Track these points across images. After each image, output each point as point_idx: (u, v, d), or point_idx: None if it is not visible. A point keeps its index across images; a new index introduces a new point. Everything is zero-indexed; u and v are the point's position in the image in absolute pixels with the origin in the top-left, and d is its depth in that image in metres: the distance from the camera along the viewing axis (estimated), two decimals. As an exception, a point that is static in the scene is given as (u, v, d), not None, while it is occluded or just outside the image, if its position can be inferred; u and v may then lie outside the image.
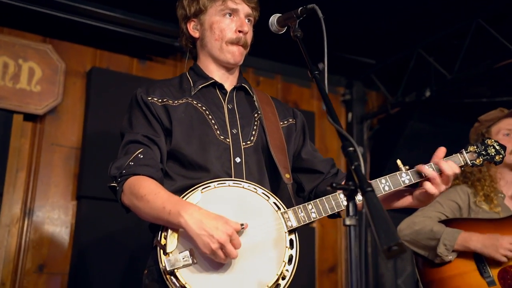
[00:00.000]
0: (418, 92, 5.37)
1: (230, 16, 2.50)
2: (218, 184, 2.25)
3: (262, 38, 2.68)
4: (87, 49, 4.89)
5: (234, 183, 2.28)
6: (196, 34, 2.57)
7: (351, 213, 1.71)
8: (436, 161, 2.35)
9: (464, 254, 3.20)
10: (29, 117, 4.50)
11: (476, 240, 3.13)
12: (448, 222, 3.32)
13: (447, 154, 2.40)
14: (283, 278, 2.17)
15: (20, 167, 4.44)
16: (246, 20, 2.53)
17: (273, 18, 2.39)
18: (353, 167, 1.74)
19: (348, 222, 1.70)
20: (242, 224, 2.14)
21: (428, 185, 2.31)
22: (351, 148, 1.78)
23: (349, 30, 5.10)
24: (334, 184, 1.76)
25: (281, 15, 2.38)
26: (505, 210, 3.38)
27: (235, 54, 2.50)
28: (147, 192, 2.18)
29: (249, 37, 2.54)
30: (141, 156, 2.29)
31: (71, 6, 4.46)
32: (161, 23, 4.79)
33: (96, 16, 4.58)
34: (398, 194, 2.47)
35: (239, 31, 2.49)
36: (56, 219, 4.49)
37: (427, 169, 2.33)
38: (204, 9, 2.51)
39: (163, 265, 2.11)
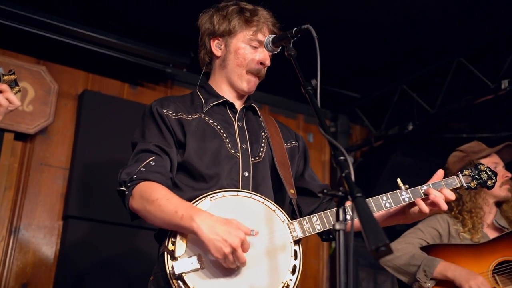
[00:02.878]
0: (401, 126, 5.53)
1: (256, 47, 2.58)
2: (227, 193, 2.31)
3: None
4: (79, 72, 4.99)
5: (242, 193, 2.35)
6: (218, 52, 2.63)
7: (340, 218, 1.81)
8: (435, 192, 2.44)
9: (444, 282, 3.29)
10: (20, 136, 4.56)
11: (453, 270, 3.23)
12: (429, 248, 3.43)
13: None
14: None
15: (8, 185, 4.47)
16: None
17: (268, 39, 2.48)
18: (343, 174, 1.84)
19: (338, 226, 1.78)
20: (252, 230, 2.18)
21: (433, 205, 2.42)
22: (341, 157, 1.89)
23: (335, 65, 5.27)
24: (325, 191, 1.86)
25: (275, 36, 2.48)
26: (485, 237, 3.50)
27: (251, 84, 2.60)
28: (160, 197, 2.23)
29: (265, 70, 2.64)
30: (153, 164, 2.34)
31: (66, 29, 4.56)
32: (153, 49, 4.90)
33: (90, 39, 4.68)
34: (393, 212, 2.57)
35: (261, 63, 2.58)
36: (42, 238, 4.50)
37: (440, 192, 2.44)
38: (234, 32, 2.58)
39: (171, 269, 2.13)
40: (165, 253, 2.19)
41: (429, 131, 5.47)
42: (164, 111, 2.47)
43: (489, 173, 2.67)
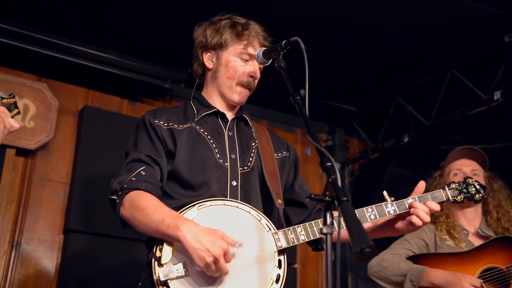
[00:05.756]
0: (397, 138, 5.61)
1: (246, 60, 2.65)
2: (214, 202, 2.37)
3: None
4: (80, 89, 5.08)
5: (229, 202, 2.40)
6: (210, 65, 2.71)
7: (328, 222, 1.87)
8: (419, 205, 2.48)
9: None
10: (22, 151, 4.64)
11: (440, 277, 3.26)
12: (415, 258, 3.48)
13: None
14: None
15: (10, 200, 4.54)
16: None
17: (259, 51, 2.56)
18: (330, 180, 1.91)
19: (325, 230, 1.85)
20: (237, 242, 2.24)
21: (415, 219, 2.45)
22: (328, 164, 1.96)
23: (332, 79, 5.37)
24: (312, 195, 1.92)
25: (266, 48, 2.56)
26: (470, 245, 3.54)
27: (241, 96, 2.67)
28: (148, 206, 2.30)
29: (256, 82, 2.71)
30: (143, 173, 2.41)
31: (67, 46, 4.66)
32: (152, 66, 5.00)
33: (90, 57, 4.78)
34: (380, 224, 2.61)
35: (251, 76, 2.66)
36: (43, 252, 4.56)
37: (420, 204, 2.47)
38: (225, 45, 2.65)
39: (157, 275, 2.20)
40: (153, 259, 2.25)
41: (424, 142, 5.54)
42: (156, 121, 2.55)
43: (477, 186, 2.71)
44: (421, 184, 2.56)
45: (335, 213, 1.85)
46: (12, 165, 4.58)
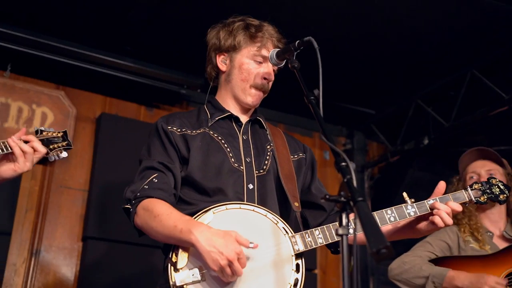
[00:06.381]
0: (417, 140, 5.53)
1: (260, 62, 2.62)
2: (229, 206, 2.34)
3: None
4: (97, 96, 5.10)
5: (245, 206, 2.37)
6: (223, 67, 2.69)
7: (343, 223, 1.82)
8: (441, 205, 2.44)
9: None
10: (40, 159, 4.63)
11: (463, 278, 3.20)
12: (437, 261, 3.42)
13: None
14: None
15: (29, 208, 4.56)
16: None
17: (273, 52, 2.53)
18: (345, 180, 1.87)
19: (340, 231, 1.80)
20: (251, 243, 2.20)
21: (437, 219, 2.41)
22: (343, 163, 1.92)
23: (350, 82, 5.33)
24: (327, 196, 1.88)
25: (279, 49, 2.53)
26: (494, 248, 3.45)
27: (256, 98, 2.64)
28: (161, 213, 2.29)
29: (271, 84, 2.67)
30: (156, 181, 2.40)
31: (84, 54, 4.69)
32: (168, 72, 5.01)
33: (106, 64, 4.80)
34: (401, 226, 2.56)
35: (265, 78, 2.62)
36: (62, 260, 4.56)
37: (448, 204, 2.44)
38: (239, 47, 2.63)
39: (173, 280, 2.18)
40: (169, 265, 2.24)
41: (445, 144, 5.46)
42: (169, 127, 2.53)
43: (502, 187, 2.64)
44: (441, 185, 2.51)
45: (352, 216, 1.82)
46: (31, 173, 4.60)
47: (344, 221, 1.82)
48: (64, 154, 2.89)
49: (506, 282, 3.13)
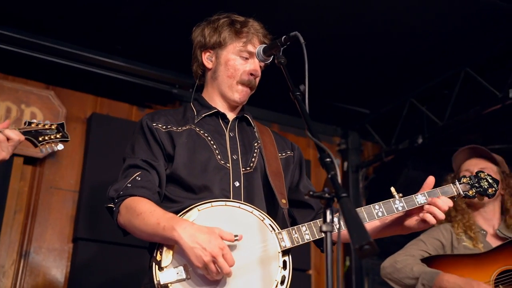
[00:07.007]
0: (411, 139, 5.49)
1: (246, 58, 2.60)
2: (215, 203, 2.31)
3: (260, 88, 2.76)
4: (88, 96, 5.06)
5: (231, 203, 2.34)
6: (209, 65, 2.66)
7: (328, 220, 1.78)
8: (432, 200, 2.41)
9: None
10: (29, 160, 4.61)
11: (453, 282, 3.15)
12: (430, 260, 3.38)
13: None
14: None
15: (18, 209, 4.51)
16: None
17: (259, 48, 2.50)
18: (329, 176, 1.83)
19: (324, 228, 1.77)
20: (236, 235, 2.17)
21: (429, 217, 2.38)
22: (328, 159, 1.88)
23: (344, 81, 5.29)
24: (311, 192, 1.84)
25: (266, 45, 2.50)
26: (487, 246, 3.42)
27: (243, 94, 2.61)
28: (143, 211, 2.26)
29: (258, 80, 2.65)
30: (139, 179, 2.36)
31: (73, 53, 4.64)
32: (160, 71, 4.97)
33: (97, 63, 4.76)
34: (389, 222, 2.53)
35: (251, 74, 2.59)
36: (52, 261, 4.52)
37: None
38: (224, 44, 2.60)
39: (158, 279, 2.14)
40: (153, 263, 2.20)
41: (439, 143, 5.42)
42: (154, 124, 2.50)
43: (490, 181, 2.62)
44: (430, 180, 2.48)
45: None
46: (20, 173, 4.55)
47: (329, 217, 1.78)
48: (60, 147, 2.85)
49: None
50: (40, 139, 2.78)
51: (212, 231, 2.14)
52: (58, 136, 2.84)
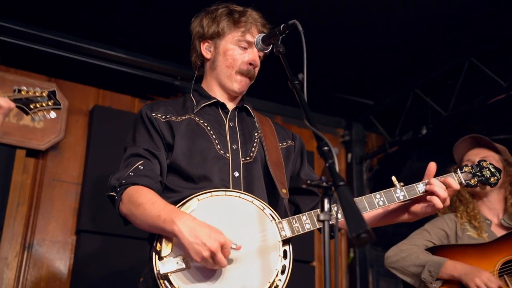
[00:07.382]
0: (415, 130, 5.46)
1: (245, 48, 2.58)
2: (215, 193, 2.30)
3: (263, 79, 2.74)
4: (90, 88, 5.05)
5: (231, 192, 2.33)
6: (208, 55, 2.65)
7: (325, 208, 1.77)
8: (430, 187, 2.38)
9: (451, 283, 3.21)
10: (32, 152, 4.61)
11: (459, 268, 3.15)
12: (434, 250, 3.36)
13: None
14: None
15: (21, 201, 4.52)
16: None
17: (258, 38, 2.47)
18: (327, 164, 1.82)
19: (322, 217, 1.75)
20: (234, 244, 2.16)
21: (436, 200, 2.35)
22: (326, 148, 1.86)
23: (348, 72, 5.26)
24: (309, 181, 1.82)
25: (265, 34, 2.47)
26: (492, 236, 3.40)
27: (242, 84, 2.59)
28: (145, 201, 2.24)
29: (257, 70, 2.63)
30: (141, 168, 2.35)
31: (76, 46, 4.64)
32: (162, 63, 4.95)
33: (99, 55, 4.76)
34: (392, 209, 2.51)
35: (250, 64, 2.58)
36: (55, 254, 4.52)
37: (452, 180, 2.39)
38: (222, 34, 2.59)
39: (157, 269, 2.14)
40: (153, 253, 2.20)
41: (443, 134, 5.38)
42: (153, 114, 2.49)
43: (492, 169, 2.58)
44: (431, 166, 2.43)
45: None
46: (23, 166, 4.56)
47: (326, 206, 1.77)
48: (53, 115, 2.73)
49: (498, 285, 3.07)
50: (32, 106, 2.65)
51: (212, 227, 2.12)
52: (50, 103, 2.71)
